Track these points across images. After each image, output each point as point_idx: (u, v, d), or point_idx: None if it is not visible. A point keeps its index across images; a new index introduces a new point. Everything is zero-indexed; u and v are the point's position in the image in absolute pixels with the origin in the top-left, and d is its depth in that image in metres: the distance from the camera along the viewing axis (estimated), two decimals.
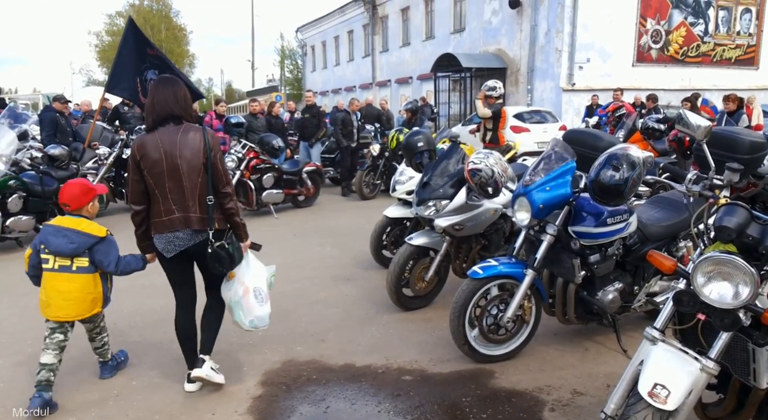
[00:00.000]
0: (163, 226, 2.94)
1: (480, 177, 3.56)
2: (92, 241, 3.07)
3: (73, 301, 3.04)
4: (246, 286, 3.10)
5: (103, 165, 8.39)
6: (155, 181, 2.89)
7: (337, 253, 6.16)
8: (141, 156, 2.88)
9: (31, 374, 3.33)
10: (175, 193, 2.90)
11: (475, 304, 3.32)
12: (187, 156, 2.88)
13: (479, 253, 4.40)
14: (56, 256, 3.04)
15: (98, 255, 3.09)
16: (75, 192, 3.14)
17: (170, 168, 2.87)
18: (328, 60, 35.86)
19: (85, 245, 3.04)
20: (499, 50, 19.49)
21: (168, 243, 2.98)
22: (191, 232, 2.95)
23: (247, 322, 3.13)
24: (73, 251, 3.02)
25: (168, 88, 2.95)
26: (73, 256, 3.04)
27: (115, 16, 42.40)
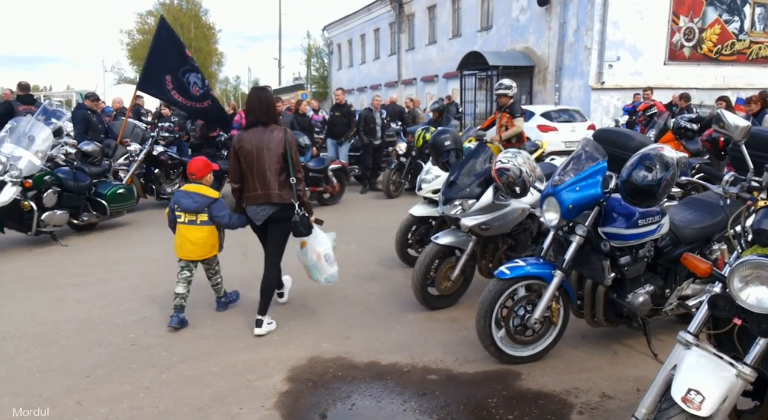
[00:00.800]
0: (251, 199, 3.84)
1: (508, 176, 3.52)
2: (209, 201, 4.02)
3: (197, 246, 4.06)
4: (318, 252, 3.98)
5: (134, 161, 8.55)
6: (247, 166, 3.79)
7: (362, 251, 6.17)
8: (239, 147, 3.80)
9: (65, 364, 3.43)
10: (260, 176, 3.77)
11: (502, 304, 3.30)
12: (271, 149, 3.75)
13: (506, 253, 4.36)
14: (185, 213, 4.02)
15: (214, 211, 4.03)
16: (199, 165, 4.14)
17: (258, 157, 3.75)
18: (354, 58, 35.96)
19: (204, 204, 4.00)
20: (527, 48, 19.28)
21: (255, 214, 3.87)
22: (270, 206, 3.81)
23: (322, 279, 4.06)
24: (196, 209, 4.00)
25: (255, 99, 3.87)
26: (197, 213, 4.01)
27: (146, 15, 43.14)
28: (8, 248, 6.26)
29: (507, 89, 7.26)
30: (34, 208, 6.03)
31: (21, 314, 4.29)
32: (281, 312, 4.34)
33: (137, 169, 8.59)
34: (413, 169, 9.55)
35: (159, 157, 8.74)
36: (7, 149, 5.93)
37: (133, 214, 8.04)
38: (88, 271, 5.42)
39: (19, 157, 5.92)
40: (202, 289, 4.87)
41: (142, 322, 4.12)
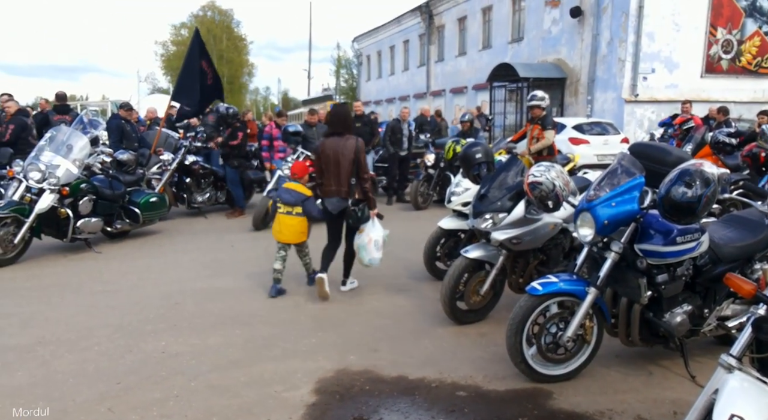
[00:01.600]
0: (327, 193, 4.84)
1: (540, 190, 3.47)
2: (303, 198, 4.94)
3: (291, 232, 4.99)
4: (370, 237, 4.82)
5: (167, 170, 8.72)
6: (326, 167, 4.81)
7: (390, 262, 6.13)
8: (321, 152, 4.83)
9: (97, 370, 3.48)
10: (335, 175, 4.76)
11: (534, 321, 3.23)
12: (345, 154, 4.71)
13: (537, 269, 4.30)
14: (284, 205, 4.97)
15: (306, 206, 4.94)
16: (301, 167, 5.22)
17: (334, 161, 4.74)
18: (383, 69, 36.16)
19: (300, 199, 4.92)
20: (559, 60, 19.11)
21: (329, 205, 4.83)
22: (342, 200, 4.79)
23: (366, 259, 4.87)
24: (293, 202, 4.93)
25: (335, 114, 5.02)
26: (293, 206, 4.93)
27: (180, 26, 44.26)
28: (44, 254, 6.42)
29: (540, 101, 7.18)
30: (70, 216, 6.18)
31: (56, 319, 4.38)
32: (308, 323, 4.34)
33: (170, 179, 8.76)
34: (441, 181, 9.51)
35: (191, 167, 8.89)
36: (46, 157, 6.10)
37: (164, 223, 8.18)
38: (121, 278, 5.52)
39: (58, 166, 6.08)
40: (230, 301, 4.92)
41: (172, 330, 4.17)
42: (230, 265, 6.04)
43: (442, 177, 9.51)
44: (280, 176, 8.16)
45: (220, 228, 8.19)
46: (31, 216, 5.86)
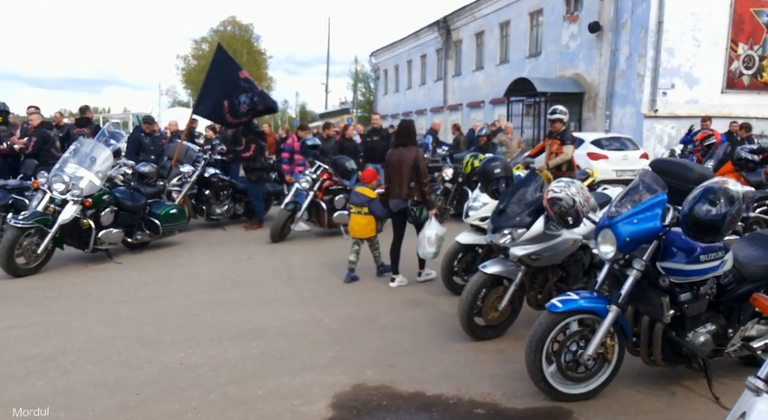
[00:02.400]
0: (393, 195, 5.67)
1: (560, 206, 3.45)
2: (369, 199, 5.84)
3: (361, 229, 5.88)
4: (425, 234, 5.49)
5: (187, 183, 8.83)
6: (392, 173, 5.65)
7: (406, 276, 6.13)
8: (388, 159, 5.74)
9: (117, 380, 3.51)
10: (398, 181, 5.59)
11: (553, 338, 3.19)
12: (406, 162, 5.54)
13: (556, 285, 4.25)
14: (355, 206, 5.90)
15: (372, 207, 5.83)
16: (369, 174, 6.11)
17: (398, 167, 5.58)
18: (400, 83, 36.37)
19: (366, 201, 5.82)
20: (577, 75, 19.06)
21: (392, 205, 5.69)
22: (401, 201, 5.62)
23: (420, 253, 5.56)
24: (360, 204, 5.83)
25: (403, 127, 5.84)
26: (361, 206, 5.83)
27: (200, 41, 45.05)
28: (66, 264, 6.51)
29: (563, 114, 7.17)
30: (92, 226, 6.28)
31: (77, 329, 4.43)
32: (324, 337, 4.34)
33: (189, 190, 8.86)
34: (459, 196, 9.48)
35: (210, 179, 8.99)
36: (70, 169, 6.22)
37: (183, 234, 8.27)
38: (140, 289, 5.58)
39: (81, 177, 6.19)
40: (247, 313, 4.93)
41: (190, 342, 4.19)
42: (248, 277, 6.07)
43: (460, 191, 9.49)
44: (298, 189, 8.21)
45: (238, 240, 8.24)
46: (54, 227, 5.96)
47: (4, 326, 4.47)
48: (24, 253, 5.88)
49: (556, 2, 20.08)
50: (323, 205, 8.17)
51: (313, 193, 8.10)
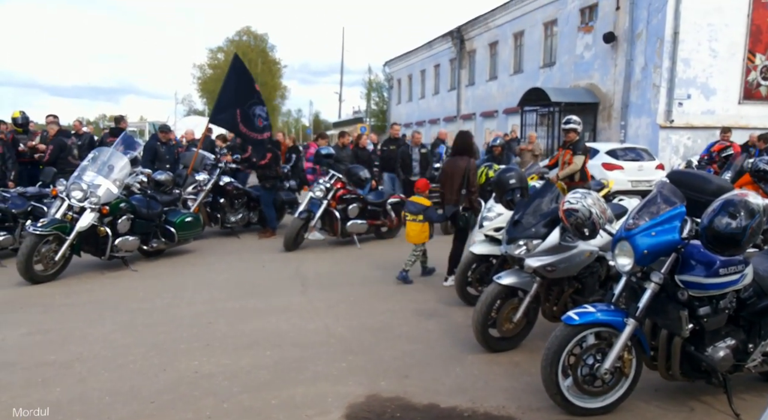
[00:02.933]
0: (446, 201, 6.05)
1: (576, 218, 3.43)
2: (424, 207, 6.21)
3: (416, 235, 6.25)
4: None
5: (202, 191, 8.90)
6: (447, 181, 6.04)
7: (420, 286, 6.12)
8: (444, 168, 6.29)
9: (132, 388, 3.53)
10: (450, 188, 5.99)
11: (570, 351, 3.16)
12: (458, 171, 5.93)
13: (571, 297, 4.22)
14: (410, 214, 6.28)
15: (427, 214, 6.20)
16: (424, 183, 6.52)
17: (450, 175, 6.00)
18: (413, 93, 36.48)
19: (421, 209, 6.20)
20: (591, 85, 19.00)
21: (448, 211, 6.05)
22: (452, 206, 6.00)
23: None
24: (416, 212, 6.21)
25: (460, 138, 6.26)
26: (416, 214, 6.20)
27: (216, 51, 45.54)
28: (83, 272, 6.58)
29: (577, 124, 7.14)
30: (109, 234, 6.34)
31: (94, 336, 4.47)
32: (338, 346, 4.33)
33: (204, 198, 8.93)
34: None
35: (225, 187, 9.06)
36: (88, 177, 6.30)
37: (198, 242, 8.32)
38: (156, 297, 5.62)
39: (99, 185, 6.27)
40: (261, 321, 4.94)
41: (204, 350, 4.21)
42: (261, 286, 6.09)
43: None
44: (312, 198, 8.24)
45: (252, 248, 8.28)
46: (72, 234, 6.04)
47: (23, 332, 4.52)
48: (42, 259, 5.95)
49: (570, 13, 20.07)
50: (337, 214, 8.18)
51: (327, 202, 8.13)
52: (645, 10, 16.41)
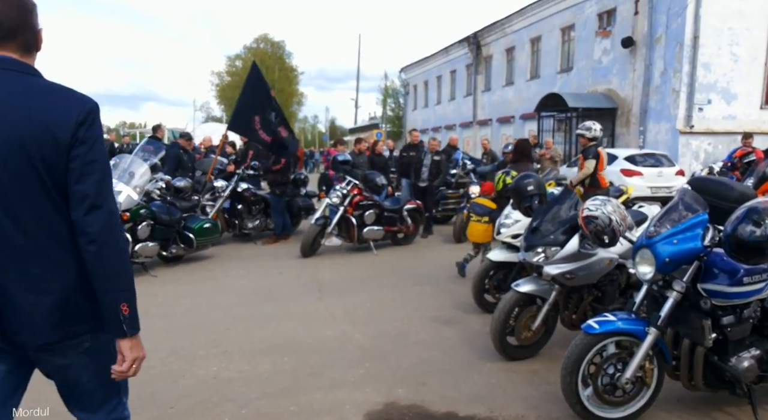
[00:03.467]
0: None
1: (596, 225, 3.40)
2: (490, 210, 6.44)
3: (479, 235, 6.54)
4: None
5: (220, 197, 8.99)
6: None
7: (437, 293, 6.10)
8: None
9: (153, 393, 3.56)
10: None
11: (590, 361, 3.12)
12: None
13: (591, 305, 4.18)
14: (475, 215, 6.56)
15: (492, 216, 6.26)
16: (490, 186, 6.82)
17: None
18: (429, 99, 36.51)
19: (486, 211, 6.48)
20: (609, 90, 18.85)
21: None
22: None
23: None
24: (482, 213, 6.49)
25: (517, 146, 7.32)
26: (482, 215, 6.49)
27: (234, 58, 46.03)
28: None
29: (585, 130, 7.12)
30: (129, 240, 6.42)
31: None
32: (356, 353, 4.34)
33: (222, 205, 9.01)
34: None
35: (243, 194, 9.13)
36: None
37: (216, 248, 8.40)
38: (174, 302, 5.67)
39: (120, 192, 6.36)
40: (278, 327, 4.96)
41: (223, 356, 4.24)
42: (279, 292, 6.12)
43: None
44: (328, 204, 8.27)
45: (268, 254, 8.33)
46: None
47: None
48: None
49: (588, 18, 19.96)
50: (353, 221, 8.20)
51: (344, 208, 8.15)
52: (664, 15, 16.25)
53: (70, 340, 1.78)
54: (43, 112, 1.63)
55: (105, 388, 1.94)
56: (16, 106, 1.62)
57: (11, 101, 1.62)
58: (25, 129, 1.61)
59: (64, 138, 1.64)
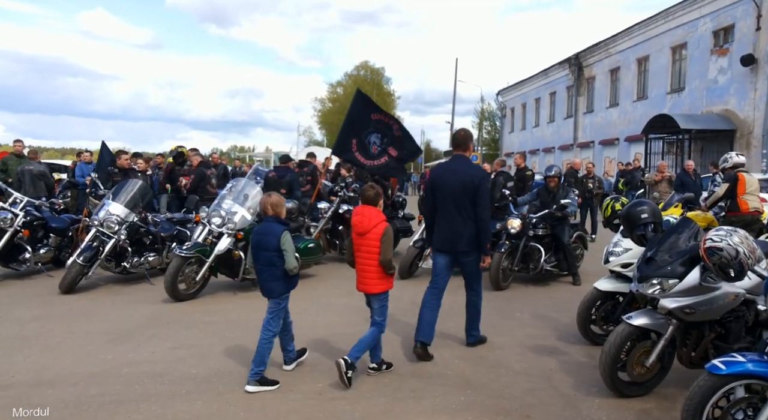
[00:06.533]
0: None
1: (720, 256, 3.19)
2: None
3: None
4: None
5: (323, 218, 9.33)
6: None
7: (537, 321, 5.94)
8: None
9: (263, 406, 3.73)
10: None
11: (715, 404, 2.91)
12: None
13: (713, 343, 3.89)
14: None
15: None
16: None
17: None
18: (527, 121, 35.89)
19: None
20: (726, 111, 17.58)
21: None
22: None
23: None
24: None
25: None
26: None
27: (336, 85, 47.98)
28: (218, 291, 7.13)
29: (723, 162, 7.52)
30: (242, 257, 6.84)
31: (228, 353, 4.81)
32: (456, 379, 4.31)
33: (325, 226, 9.35)
34: (530, 253, 7.64)
35: (344, 215, 9.43)
36: (226, 205, 6.88)
37: (318, 267, 8.70)
38: None
39: (235, 212, 6.81)
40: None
41: (327, 373, 4.36)
42: None
43: (528, 247, 7.60)
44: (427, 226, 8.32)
45: None
46: (211, 257, 6.60)
47: (169, 346, 4.98)
48: (185, 279, 6.55)
49: (702, 35, 18.85)
50: None
51: None
52: None
53: (472, 251, 4.83)
54: (468, 173, 4.82)
55: (475, 276, 5.07)
56: (462, 170, 4.84)
57: (461, 167, 4.87)
58: (465, 177, 4.77)
59: (475, 183, 4.76)
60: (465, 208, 4.71)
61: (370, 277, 4.31)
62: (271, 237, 4.16)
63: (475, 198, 4.70)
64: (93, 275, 7.19)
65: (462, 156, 4.94)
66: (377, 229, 4.21)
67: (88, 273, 6.98)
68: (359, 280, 4.42)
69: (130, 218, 7.22)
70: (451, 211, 4.77)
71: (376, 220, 4.24)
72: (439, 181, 4.87)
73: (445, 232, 4.81)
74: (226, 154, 46.53)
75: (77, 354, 4.73)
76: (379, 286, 4.33)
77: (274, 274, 4.20)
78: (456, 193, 4.73)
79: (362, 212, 4.29)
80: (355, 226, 4.29)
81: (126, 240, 7.21)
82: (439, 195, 4.83)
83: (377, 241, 4.20)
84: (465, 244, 4.75)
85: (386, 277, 4.33)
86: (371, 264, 4.27)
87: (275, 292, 4.24)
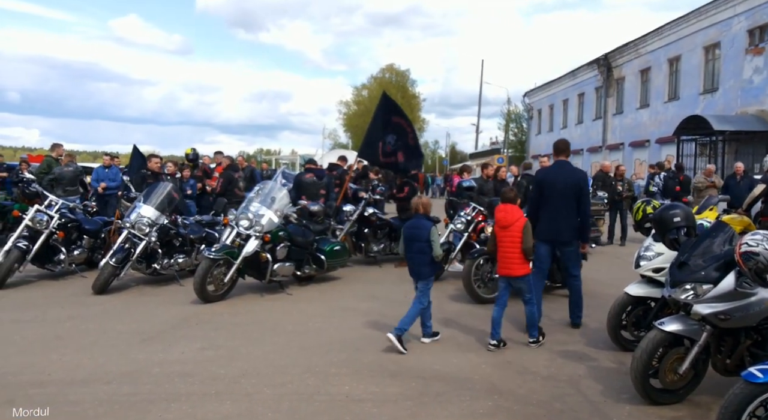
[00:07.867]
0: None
1: (756, 262, 3.12)
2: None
3: None
4: None
5: (349, 221, 9.37)
6: None
7: (564, 326, 5.85)
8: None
9: (290, 408, 3.77)
10: None
11: (752, 413, 2.83)
12: None
13: (749, 350, 3.78)
14: None
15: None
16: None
17: None
18: (554, 123, 35.47)
19: None
20: (762, 111, 17.11)
21: None
22: None
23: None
24: None
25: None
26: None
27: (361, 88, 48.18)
28: (246, 293, 7.22)
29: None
30: (269, 259, 6.91)
31: (256, 355, 4.86)
32: (483, 384, 4.28)
33: (350, 228, 9.39)
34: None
35: (369, 218, 9.45)
36: (254, 208, 6.96)
37: (343, 270, 8.73)
38: (308, 320, 5.98)
39: (263, 215, 6.89)
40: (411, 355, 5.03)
41: (354, 375, 4.38)
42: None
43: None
44: (453, 230, 8.28)
45: (392, 278, 8.49)
46: (239, 259, 6.68)
47: (198, 347, 5.06)
48: (214, 281, 6.64)
49: (736, 34, 18.39)
50: (477, 247, 8.12)
51: (467, 234, 8.12)
52: None
53: (572, 241, 5.66)
54: (573, 175, 5.70)
55: (574, 263, 5.78)
56: (567, 173, 5.68)
57: (566, 170, 5.70)
58: (571, 179, 5.62)
59: (581, 184, 5.64)
60: (569, 204, 5.54)
61: (513, 263, 5.05)
62: (423, 230, 5.15)
63: (580, 196, 5.58)
64: (125, 276, 7.35)
65: (565, 161, 5.79)
66: (518, 223, 5.02)
67: (120, 274, 7.13)
68: (502, 266, 5.14)
69: (161, 220, 7.36)
70: (557, 207, 5.55)
71: (517, 215, 5.08)
72: (547, 181, 5.70)
73: (549, 224, 5.56)
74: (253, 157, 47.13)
75: (110, 353, 4.84)
76: (521, 270, 5.07)
77: (424, 261, 5.15)
78: (562, 191, 5.55)
79: (505, 209, 5.11)
80: (499, 220, 5.09)
81: (156, 242, 7.35)
82: (547, 193, 5.62)
83: (519, 232, 4.99)
84: (567, 235, 5.59)
85: (526, 262, 5.08)
86: (514, 251, 5.02)
87: (424, 274, 5.20)
